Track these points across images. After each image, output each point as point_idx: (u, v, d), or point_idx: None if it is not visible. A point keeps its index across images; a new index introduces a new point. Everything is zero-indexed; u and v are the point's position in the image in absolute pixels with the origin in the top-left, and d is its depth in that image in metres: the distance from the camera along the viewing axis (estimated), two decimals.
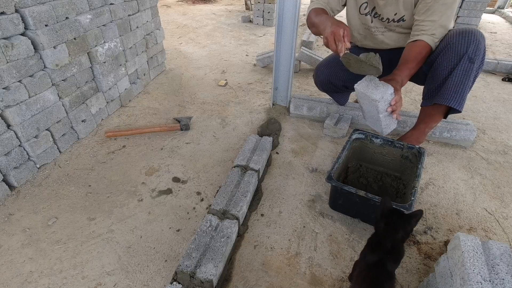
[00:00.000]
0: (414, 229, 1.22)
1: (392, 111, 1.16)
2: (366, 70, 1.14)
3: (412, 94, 2.34)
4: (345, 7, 1.54)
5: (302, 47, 2.82)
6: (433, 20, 1.24)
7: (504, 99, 2.29)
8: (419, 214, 0.86)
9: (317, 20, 1.32)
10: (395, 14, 1.36)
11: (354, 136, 1.42)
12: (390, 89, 1.12)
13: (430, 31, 1.26)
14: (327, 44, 1.18)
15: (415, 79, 1.46)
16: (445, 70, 1.26)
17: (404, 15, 1.35)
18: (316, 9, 1.43)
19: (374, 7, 1.40)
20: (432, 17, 1.23)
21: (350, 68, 1.17)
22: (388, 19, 1.40)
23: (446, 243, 1.19)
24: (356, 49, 1.63)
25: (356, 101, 2.05)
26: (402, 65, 1.28)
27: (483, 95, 2.34)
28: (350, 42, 1.73)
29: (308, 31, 3.45)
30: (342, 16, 1.86)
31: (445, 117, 1.40)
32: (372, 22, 1.46)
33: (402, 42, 1.46)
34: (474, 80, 1.28)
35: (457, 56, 1.22)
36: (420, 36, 1.28)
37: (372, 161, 1.48)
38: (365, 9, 1.43)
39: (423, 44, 1.27)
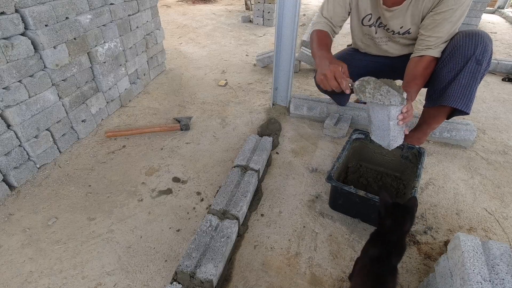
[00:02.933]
0: (413, 229, 1.24)
1: (403, 119, 1.08)
2: (385, 93, 1.02)
3: None
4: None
5: (302, 47, 2.82)
6: (439, 37, 1.24)
7: (504, 99, 2.29)
8: (414, 201, 0.89)
9: (316, 51, 1.31)
10: (401, 27, 1.36)
11: (354, 136, 1.42)
12: (403, 94, 1.05)
13: (435, 46, 1.26)
14: (321, 81, 1.14)
15: None
16: (452, 71, 1.26)
17: (410, 28, 1.34)
18: (320, 34, 1.40)
19: (379, 17, 1.39)
20: (439, 34, 1.24)
21: (363, 96, 1.07)
22: (393, 31, 1.39)
23: (446, 243, 1.19)
24: (358, 54, 1.63)
25: (357, 101, 2.05)
26: (410, 82, 1.27)
27: (483, 95, 2.34)
28: (350, 45, 1.74)
29: (308, 31, 3.46)
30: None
31: (448, 118, 1.40)
32: (376, 33, 1.45)
33: (406, 51, 1.46)
34: (479, 82, 1.28)
35: (464, 58, 1.22)
36: (426, 51, 1.27)
37: (372, 161, 1.48)
38: (369, 20, 1.42)
39: (430, 59, 1.28)
